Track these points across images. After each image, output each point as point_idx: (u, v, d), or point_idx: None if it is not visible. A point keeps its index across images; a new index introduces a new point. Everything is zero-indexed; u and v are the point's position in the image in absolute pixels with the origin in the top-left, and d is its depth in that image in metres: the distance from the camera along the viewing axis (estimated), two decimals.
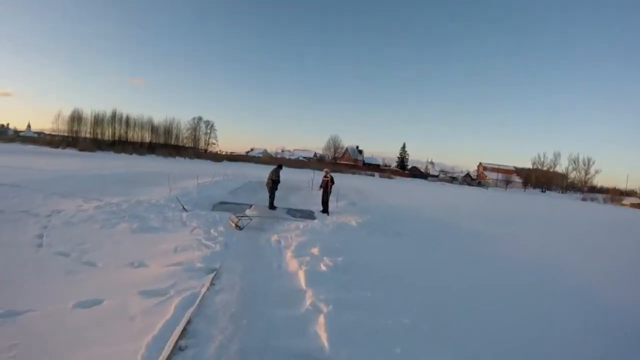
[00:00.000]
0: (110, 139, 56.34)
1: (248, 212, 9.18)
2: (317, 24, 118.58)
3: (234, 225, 7.08)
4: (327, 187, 10.60)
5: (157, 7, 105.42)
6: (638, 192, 67.72)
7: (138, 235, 5.89)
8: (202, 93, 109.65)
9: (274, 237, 6.51)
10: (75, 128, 56.14)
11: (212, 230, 6.56)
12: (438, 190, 37.04)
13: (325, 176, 10.83)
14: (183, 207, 8.33)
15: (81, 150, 45.15)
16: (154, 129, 59.28)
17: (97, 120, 56.95)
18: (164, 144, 57.59)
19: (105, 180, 12.75)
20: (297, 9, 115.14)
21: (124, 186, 11.86)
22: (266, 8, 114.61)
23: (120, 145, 52.74)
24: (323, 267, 4.72)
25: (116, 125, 57.72)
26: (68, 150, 43.39)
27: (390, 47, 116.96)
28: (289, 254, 5.43)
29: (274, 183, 10.06)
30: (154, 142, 57.98)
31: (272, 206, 10.00)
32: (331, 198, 10.90)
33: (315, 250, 5.48)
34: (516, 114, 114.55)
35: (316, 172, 17.90)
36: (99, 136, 56.43)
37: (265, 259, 5.19)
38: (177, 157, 48.42)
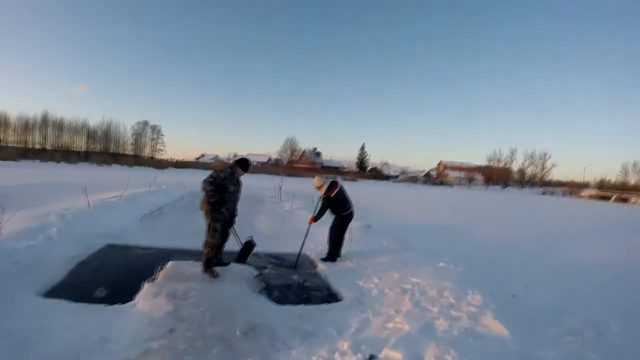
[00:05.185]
0: (40, 146, 49.79)
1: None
2: (263, 25, 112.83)
3: None
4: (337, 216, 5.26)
5: (100, 6, 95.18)
6: (592, 184, 70.05)
7: None
8: (148, 97, 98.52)
9: None
10: (0, 136, 49.05)
11: None
12: (418, 192, 33.22)
13: (327, 190, 5.17)
14: None
15: (3, 159, 37.26)
16: (90, 134, 52.42)
17: (27, 125, 50.60)
18: (101, 152, 50.44)
19: None
20: (244, 9, 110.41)
21: None
22: (212, 8, 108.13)
23: (50, 153, 45.27)
24: None
25: (49, 131, 51.60)
26: None
27: (335, 51, 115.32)
28: None
29: (215, 203, 3.89)
30: (91, 148, 51.00)
31: (211, 266, 3.90)
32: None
33: None
34: (467, 112, 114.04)
35: (284, 178, 14.35)
36: (29, 144, 49.84)
37: None
38: (113, 165, 41.60)
